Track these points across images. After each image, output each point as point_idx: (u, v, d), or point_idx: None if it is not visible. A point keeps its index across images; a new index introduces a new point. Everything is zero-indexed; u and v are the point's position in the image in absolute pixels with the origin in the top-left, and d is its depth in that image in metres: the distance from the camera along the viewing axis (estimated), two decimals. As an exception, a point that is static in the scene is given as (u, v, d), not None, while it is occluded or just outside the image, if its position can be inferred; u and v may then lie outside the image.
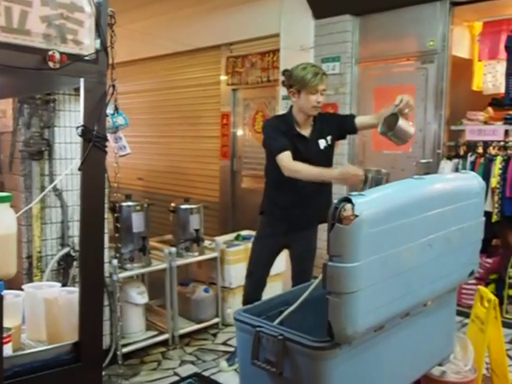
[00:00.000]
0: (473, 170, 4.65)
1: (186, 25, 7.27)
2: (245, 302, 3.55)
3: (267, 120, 3.72)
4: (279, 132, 3.35)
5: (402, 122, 3.04)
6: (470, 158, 4.77)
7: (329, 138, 3.44)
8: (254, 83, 6.72)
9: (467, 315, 3.29)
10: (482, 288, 2.94)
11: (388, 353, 1.97)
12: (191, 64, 7.65)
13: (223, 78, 7.13)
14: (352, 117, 3.56)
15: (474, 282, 4.46)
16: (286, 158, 3.22)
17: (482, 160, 4.72)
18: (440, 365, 2.39)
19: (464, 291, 4.65)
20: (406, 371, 2.12)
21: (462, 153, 4.94)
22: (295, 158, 3.23)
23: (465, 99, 5.38)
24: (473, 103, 5.29)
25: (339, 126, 3.50)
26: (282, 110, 6.03)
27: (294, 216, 3.47)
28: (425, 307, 2.10)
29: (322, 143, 3.41)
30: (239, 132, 7.12)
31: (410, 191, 1.90)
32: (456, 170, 4.75)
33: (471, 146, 4.86)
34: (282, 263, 4.32)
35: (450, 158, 4.93)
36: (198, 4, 6.89)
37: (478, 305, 2.87)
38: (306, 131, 3.43)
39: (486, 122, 4.95)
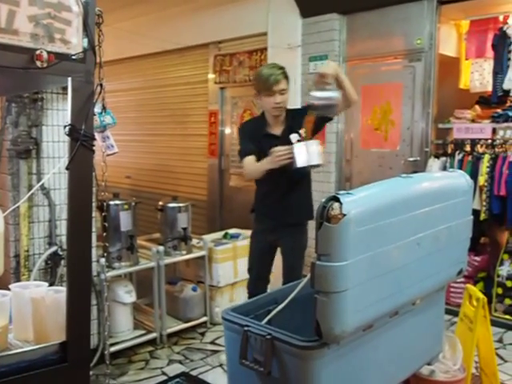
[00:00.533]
0: (460, 168, 4.67)
1: (174, 23, 7.24)
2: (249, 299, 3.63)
3: (241, 123, 3.75)
4: (247, 136, 3.46)
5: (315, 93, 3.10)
6: (458, 156, 4.78)
7: (302, 131, 3.32)
8: (242, 81, 6.70)
9: (456, 314, 3.30)
10: (470, 287, 2.95)
11: (377, 352, 1.98)
12: (179, 62, 7.63)
13: (211, 76, 7.11)
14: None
15: (462, 280, 4.48)
16: (246, 163, 3.35)
17: (469, 158, 4.72)
18: (429, 364, 2.40)
19: (452, 289, 4.67)
20: (394, 370, 2.13)
21: (449, 151, 4.95)
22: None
23: (452, 97, 5.40)
24: (460, 101, 5.31)
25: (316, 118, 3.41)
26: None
27: (276, 212, 3.52)
28: (413, 306, 2.11)
29: (295, 137, 3.26)
30: (227, 130, 7.11)
31: (397, 190, 1.91)
32: (444, 168, 4.77)
33: (459, 144, 4.87)
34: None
35: (437, 156, 4.94)
36: (186, 2, 6.86)
37: (466, 303, 2.88)
38: (277, 130, 3.46)
39: (473, 120, 4.96)
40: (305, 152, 3.11)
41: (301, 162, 3.11)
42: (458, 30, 5.67)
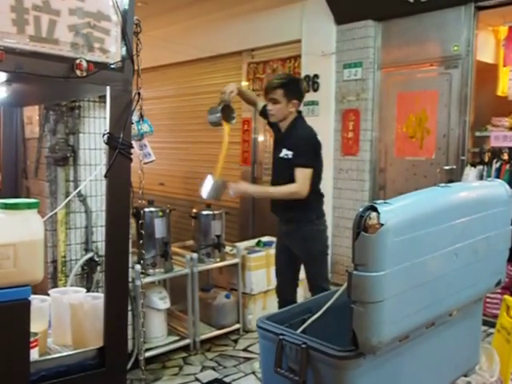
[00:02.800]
0: (498, 176, 4.59)
1: (207, 31, 7.30)
2: (278, 304, 3.81)
3: None
4: None
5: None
6: (495, 165, 4.71)
7: (289, 152, 3.51)
8: (276, 89, 6.70)
9: (492, 324, 3.24)
10: (508, 298, 2.88)
11: (413, 363, 1.95)
12: (212, 70, 7.68)
13: (244, 83, 7.14)
14: (296, 164, 3.49)
15: (499, 290, 4.37)
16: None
17: (507, 167, 4.65)
18: (465, 375, 2.34)
19: (489, 300, 4.58)
20: (430, 382, 2.09)
21: (486, 159, 4.86)
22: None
23: (489, 105, 5.31)
24: (498, 109, 5.22)
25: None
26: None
27: (277, 217, 3.72)
28: (450, 317, 2.06)
29: (283, 152, 3.56)
30: (260, 138, 7.12)
31: (435, 199, 1.87)
32: (481, 177, 4.69)
33: (496, 153, 4.79)
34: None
35: (474, 164, 4.86)
36: (219, 10, 6.92)
37: (503, 315, 2.82)
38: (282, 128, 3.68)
39: (511, 128, 4.87)
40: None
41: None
42: (496, 36, 5.60)
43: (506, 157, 4.74)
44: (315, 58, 5.97)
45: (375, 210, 1.62)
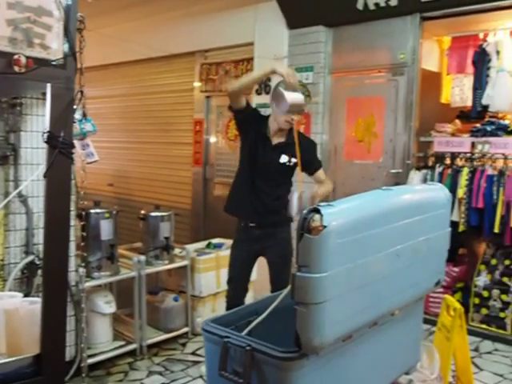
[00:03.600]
0: (441, 180, 4.76)
1: (160, 31, 7.24)
2: (226, 307, 3.74)
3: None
4: (257, 111, 3.67)
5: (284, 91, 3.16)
6: (438, 169, 4.87)
7: (293, 159, 3.46)
8: (228, 91, 6.70)
9: (434, 323, 3.33)
10: (448, 297, 2.97)
11: (356, 362, 1.97)
12: (165, 70, 7.62)
13: (197, 84, 7.11)
14: (318, 166, 3.62)
15: (441, 290, 4.57)
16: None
17: (449, 171, 4.81)
18: (407, 373, 2.39)
19: (431, 299, 4.75)
20: (373, 380, 2.12)
21: (430, 164, 5.03)
22: (250, 154, 3.46)
23: (433, 111, 5.47)
24: (441, 115, 5.39)
25: (305, 160, 3.43)
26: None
27: (255, 222, 3.60)
28: (392, 316, 2.10)
29: (284, 158, 3.48)
30: (212, 139, 7.10)
31: (377, 202, 1.90)
32: (425, 180, 4.84)
33: (439, 157, 4.96)
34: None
35: (418, 168, 5.01)
36: (173, 10, 6.87)
37: (444, 313, 2.90)
38: (275, 140, 3.52)
39: (453, 134, 5.06)
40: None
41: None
42: (440, 46, 5.78)
43: (448, 161, 4.91)
44: (267, 61, 5.97)
45: (318, 212, 1.63)
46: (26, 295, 3.00)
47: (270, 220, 3.52)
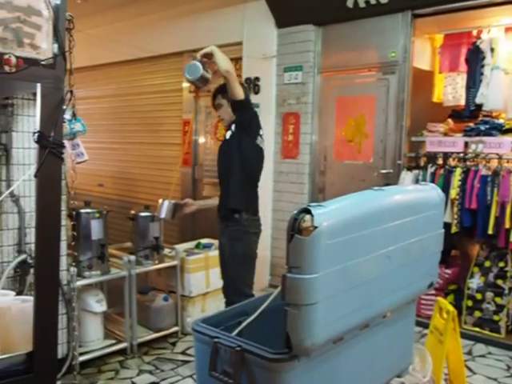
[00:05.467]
0: (433, 181, 4.70)
1: (148, 31, 7.21)
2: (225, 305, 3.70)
3: None
4: None
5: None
6: (430, 169, 4.82)
7: (233, 126, 3.59)
8: (216, 91, 6.68)
9: (426, 326, 3.32)
10: (441, 299, 2.97)
11: (347, 364, 1.97)
12: (153, 70, 7.60)
13: (185, 85, 7.08)
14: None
15: (433, 292, 4.49)
16: None
17: (441, 171, 4.76)
18: (399, 376, 2.39)
19: (423, 302, 4.70)
20: (365, 383, 2.12)
21: (422, 164, 4.98)
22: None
23: (425, 110, 5.44)
24: (433, 115, 5.36)
25: None
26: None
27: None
28: (384, 318, 2.10)
29: (228, 134, 3.63)
30: (201, 139, 7.09)
31: (369, 203, 1.90)
32: (416, 180, 4.80)
33: (431, 158, 4.90)
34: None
35: (410, 168, 4.97)
36: (161, 10, 6.84)
37: (436, 316, 2.90)
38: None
39: (446, 134, 5.01)
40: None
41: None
42: (432, 44, 5.73)
43: (440, 161, 4.85)
44: (256, 61, 5.99)
45: (309, 212, 1.63)
46: (18, 293, 2.99)
47: None
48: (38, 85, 1.90)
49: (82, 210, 3.90)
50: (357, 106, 5.41)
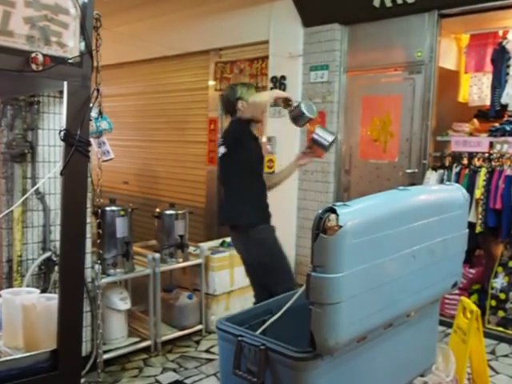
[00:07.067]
0: (458, 180, 4.69)
1: (175, 29, 7.25)
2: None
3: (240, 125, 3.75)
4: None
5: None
6: (455, 169, 4.80)
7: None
8: (243, 89, 6.69)
9: (450, 325, 3.29)
10: (464, 299, 2.94)
11: (370, 364, 1.96)
12: (179, 68, 7.63)
13: (211, 83, 7.11)
14: None
15: (457, 292, 4.49)
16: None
17: (466, 171, 4.74)
18: (422, 375, 2.37)
19: (447, 301, 4.69)
20: (388, 382, 2.11)
21: (447, 164, 4.95)
22: (259, 159, 3.54)
23: (451, 110, 5.41)
24: (459, 114, 5.33)
25: None
26: (269, 116, 6.03)
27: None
28: (408, 318, 2.08)
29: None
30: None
31: (394, 202, 1.89)
32: (441, 180, 4.77)
33: (456, 157, 4.88)
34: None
35: (435, 168, 4.94)
36: (188, 8, 6.87)
37: (460, 315, 2.87)
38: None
39: (471, 134, 4.99)
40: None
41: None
42: (458, 44, 5.70)
43: (465, 161, 4.82)
44: (282, 60, 5.98)
45: (334, 211, 1.62)
46: (43, 291, 3.02)
47: None
48: (65, 83, 1.92)
49: (107, 208, 3.94)
50: (382, 106, 5.37)
